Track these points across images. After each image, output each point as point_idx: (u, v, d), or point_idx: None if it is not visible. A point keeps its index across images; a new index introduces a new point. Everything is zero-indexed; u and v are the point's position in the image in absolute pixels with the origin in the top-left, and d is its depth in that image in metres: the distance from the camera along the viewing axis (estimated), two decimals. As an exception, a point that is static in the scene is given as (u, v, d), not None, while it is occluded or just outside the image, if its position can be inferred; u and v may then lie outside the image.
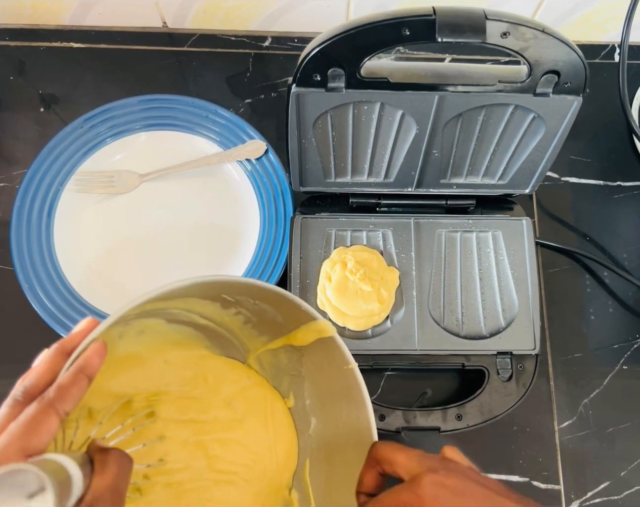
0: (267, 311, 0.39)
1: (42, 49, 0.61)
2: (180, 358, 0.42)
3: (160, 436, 0.39)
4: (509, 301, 0.50)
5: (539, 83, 0.40)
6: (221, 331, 0.42)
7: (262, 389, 0.43)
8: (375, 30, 0.36)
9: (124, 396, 0.39)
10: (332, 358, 0.38)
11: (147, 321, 0.38)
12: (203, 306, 0.39)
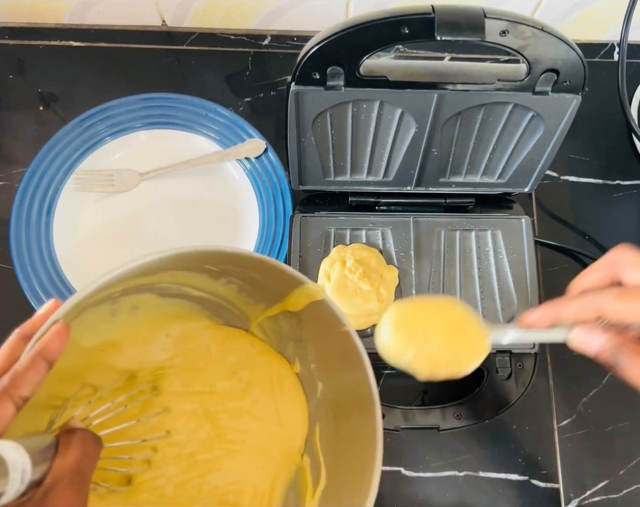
0: (256, 278, 0.38)
1: (42, 48, 0.61)
2: (182, 331, 0.41)
3: (166, 409, 0.39)
4: (508, 299, 0.50)
5: (538, 81, 0.40)
6: (218, 301, 0.41)
7: (267, 356, 0.43)
8: (374, 28, 0.36)
9: (128, 371, 0.39)
10: (328, 321, 0.37)
11: (137, 296, 0.37)
12: (191, 277, 0.38)
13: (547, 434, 0.51)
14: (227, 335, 0.43)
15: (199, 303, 0.41)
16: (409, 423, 0.47)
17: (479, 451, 0.50)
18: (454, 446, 0.50)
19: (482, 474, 0.50)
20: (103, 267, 0.52)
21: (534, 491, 0.50)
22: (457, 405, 0.47)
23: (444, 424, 0.47)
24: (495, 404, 0.47)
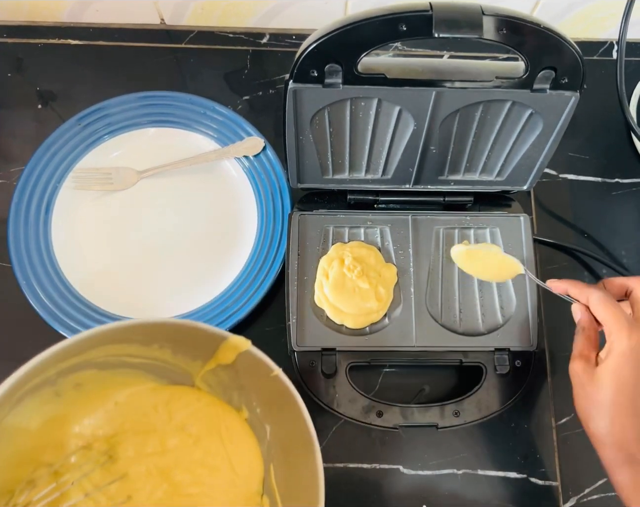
0: (184, 340, 0.40)
1: (40, 46, 0.61)
2: (130, 396, 0.44)
3: (123, 475, 0.41)
4: (507, 297, 0.50)
5: (536, 79, 0.40)
6: (158, 363, 0.43)
7: (214, 408, 0.45)
8: (372, 26, 0.36)
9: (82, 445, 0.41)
10: (258, 368, 0.40)
11: (77, 374, 0.40)
12: (123, 348, 0.40)
13: (546, 432, 0.51)
14: (173, 393, 0.45)
15: (140, 369, 0.43)
16: (408, 421, 0.47)
17: (478, 448, 0.50)
18: (453, 443, 0.50)
19: (480, 472, 0.50)
20: (101, 264, 0.53)
21: (533, 488, 0.50)
22: (456, 403, 0.47)
23: (442, 422, 0.47)
24: (494, 402, 0.47)
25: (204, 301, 0.51)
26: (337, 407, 0.47)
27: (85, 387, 0.41)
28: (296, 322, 0.48)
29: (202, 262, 0.53)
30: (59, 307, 0.50)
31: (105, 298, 0.52)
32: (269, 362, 0.39)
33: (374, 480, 0.49)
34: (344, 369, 0.48)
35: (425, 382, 0.52)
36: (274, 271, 0.52)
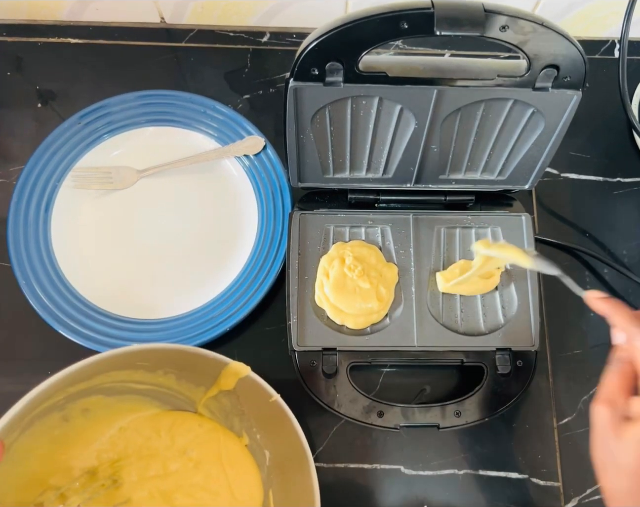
0: (187, 366, 0.42)
1: (40, 45, 0.61)
2: (134, 422, 0.45)
3: (127, 499, 0.43)
4: (508, 297, 0.50)
5: (538, 77, 0.40)
6: (162, 390, 0.44)
7: (215, 433, 0.46)
8: (373, 23, 0.36)
9: (87, 469, 0.43)
10: (259, 393, 0.41)
11: (84, 400, 0.41)
12: (128, 375, 0.42)
13: (547, 432, 0.51)
14: (176, 419, 0.46)
15: (145, 395, 0.44)
16: (409, 421, 0.46)
17: (479, 449, 0.50)
18: (454, 444, 0.50)
19: (481, 472, 0.50)
20: (100, 263, 0.52)
21: (534, 489, 0.49)
22: (457, 403, 0.47)
23: (443, 422, 0.47)
24: (495, 402, 0.47)
25: (204, 300, 0.51)
26: (338, 408, 0.46)
27: (93, 413, 0.42)
28: (297, 321, 0.48)
29: (202, 261, 0.53)
30: (59, 306, 0.50)
31: (104, 297, 0.51)
32: (268, 388, 0.41)
33: (375, 480, 0.49)
34: (344, 369, 0.47)
35: (427, 382, 0.51)
36: (274, 271, 0.51)
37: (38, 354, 0.51)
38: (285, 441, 0.41)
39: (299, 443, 0.40)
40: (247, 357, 0.51)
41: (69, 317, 0.50)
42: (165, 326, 0.50)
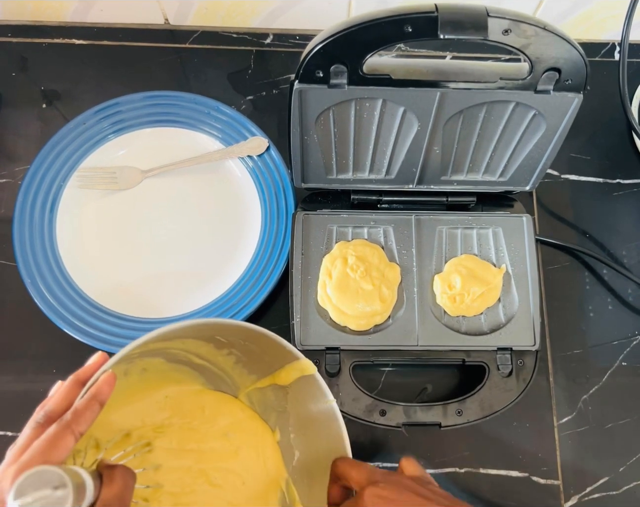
0: (255, 351, 0.41)
1: (44, 46, 0.61)
2: (179, 393, 0.45)
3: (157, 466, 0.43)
4: (509, 297, 0.50)
5: (540, 80, 0.40)
6: (215, 370, 0.44)
7: (255, 422, 0.46)
8: (377, 27, 0.36)
9: (130, 428, 0.43)
10: (314, 394, 0.40)
11: (149, 359, 0.41)
12: (198, 346, 0.42)
13: (548, 431, 0.51)
14: (219, 399, 0.46)
15: (197, 370, 0.44)
16: (411, 420, 0.47)
17: (480, 447, 0.51)
18: (455, 442, 0.51)
19: (482, 470, 0.50)
20: (105, 263, 0.53)
21: (534, 487, 0.50)
22: (459, 402, 0.47)
23: (445, 421, 0.47)
24: (497, 401, 0.48)
25: (207, 300, 0.52)
26: (341, 406, 0.47)
27: (148, 374, 0.42)
28: (300, 321, 0.48)
29: (206, 261, 0.54)
30: (64, 305, 0.50)
31: (108, 296, 0.52)
32: (327, 390, 0.40)
33: (377, 478, 0.50)
34: (347, 368, 0.48)
35: (428, 381, 0.52)
36: (277, 270, 0.52)
37: (43, 352, 0.51)
38: (325, 445, 0.41)
39: (343, 450, 0.39)
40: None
41: (73, 315, 0.50)
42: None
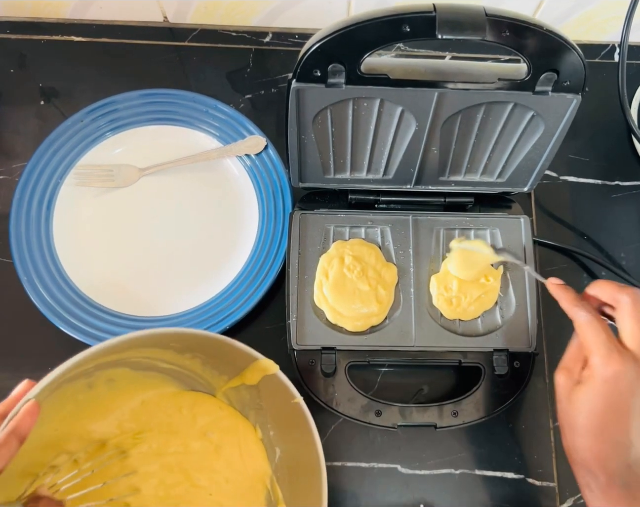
0: (216, 354, 0.42)
1: (43, 43, 0.61)
2: (156, 397, 0.45)
3: (134, 471, 0.43)
4: (506, 298, 0.50)
5: (538, 81, 0.40)
6: (186, 372, 0.45)
7: (235, 420, 0.46)
8: (375, 26, 0.36)
9: (108, 437, 0.43)
10: (281, 393, 0.41)
11: (111, 370, 0.41)
12: (158, 353, 0.42)
13: (544, 432, 0.51)
14: (197, 398, 0.46)
15: (168, 374, 0.44)
16: (406, 420, 0.47)
17: (476, 449, 0.50)
18: (451, 443, 0.50)
19: (478, 472, 0.50)
20: (102, 261, 0.53)
21: (530, 489, 0.50)
22: (455, 403, 0.47)
23: (441, 422, 0.47)
24: (492, 403, 0.48)
25: (204, 298, 0.52)
26: (336, 406, 0.47)
27: (116, 384, 0.43)
28: (296, 320, 0.48)
29: (202, 260, 0.54)
30: (60, 303, 0.50)
31: (105, 294, 0.52)
32: (292, 389, 0.40)
33: (372, 479, 0.49)
34: (343, 368, 0.48)
35: (424, 382, 0.52)
36: (274, 270, 0.52)
37: (39, 350, 0.51)
38: (300, 444, 0.42)
39: (314, 449, 0.40)
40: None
41: (69, 313, 0.50)
42: (166, 323, 0.51)
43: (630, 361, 0.36)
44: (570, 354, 0.40)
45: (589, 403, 0.36)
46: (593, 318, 0.38)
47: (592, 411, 0.36)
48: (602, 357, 0.36)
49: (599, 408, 0.36)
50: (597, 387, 0.36)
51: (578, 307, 0.39)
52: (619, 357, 0.36)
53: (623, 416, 0.36)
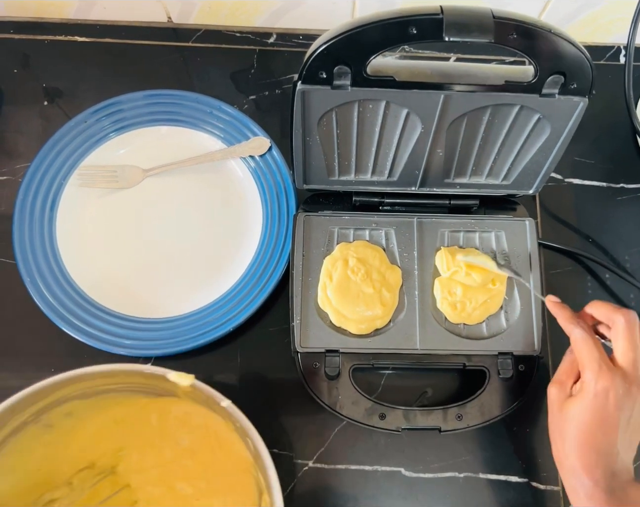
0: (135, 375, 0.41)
1: (47, 43, 0.61)
2: (125, 413, 0.45)
3: (126, 485, 0.44)
4: (511, 302, 0.50)
5: (545, 84, 0.40)
6: (139, 385, 0.44)
7: (203, 418, 0.46)
8: (382, 28, 0.36)
9: (93, 459, 0.44)
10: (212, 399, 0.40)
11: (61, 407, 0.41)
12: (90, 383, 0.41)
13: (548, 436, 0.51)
14: (164, 405, 0.46)
15: (128, 390, 0.44)
16: (410, 424, 0.47)
17: (480, 452, 0.50)
18: (455, 447, 0.50)
19: (482, 475, 0.50)
20: (105, 262, 0.53)
21: (534, 493, 0.50)
22: (459, 406, 0.47)
23: (445, 425, 0.47)
24: (497, 406, 0.47)
25: (208, 300, 0.51)
26: (340, 409, 0.47)
27: (78, 414, 0.43)
28: (300, 323, 0.48)
29: (206, 261, 0.53)
30: (62, 304, 0.50)
31: (108, 295, 0.52)
32: (216, 395, 0.39)
33: (376, 482, 0.49)
34: (347, 371, 0.48)
35: (428, 385, 0.52)
36: (278, 272, 0.52)
37: (41, 350, 0.51)
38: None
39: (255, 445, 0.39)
40: (250, 356, 0.52)
41: (72, 314, 0.50)
42: (170, 325, 0.50)
43: (619, 378, 0.39)
44: (563, 368, 0.43)
45: (580, 415, 0.39)
46: (587, 336, 0.40)
47: (582, 422, 0.39)
48: (593, 372, 0.39)
49: (588, 420, 0.39)
50: (587, 401, 0.39)
51: (574, 324, 0.42)
52: (609, 374, 0.39)
53: (611, 428, 0.38)
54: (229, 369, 0.51)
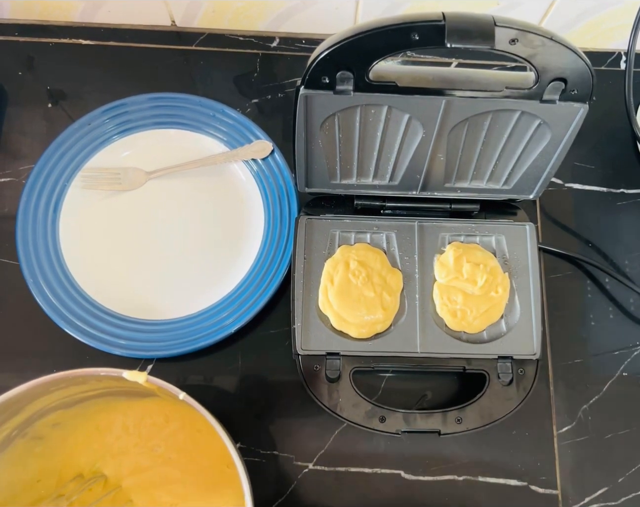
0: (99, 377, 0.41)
1: (51, 45, 0.61)
2: (108, 420, 0.46)
3: (117, 487, 0.44)
4: (511, 306, 0.50)
5: (545, 90, 0.40)
6: (113, 388, 0.43)
7: (180, 422, 0.46)
8: (384, 34, 0.36)
9: (83, 467, 0.44)
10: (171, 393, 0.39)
11: (45, 419, 0.41)
12: (65, 392, 0.41)
13: (547, 440, 0.51)
14: (144, 413, 0.46)
15: (106, 395, 0.44)
16: (410, 427, 0.47)
17: (479, 455, 0.50)
18: (454, 450, 0.50)
19: (481, 478, 0.50)
20: (107, 263, 0.53)
21: (533, 496, 0.50)
22: (459, 409, 0.47)
23: (444, 429, 0.47)
24: (496, 410, 0.48)
25: (209, 302, 0.52)
26: (340, 412, 0.47)
27: (65, 424, 0.43)
28: (301, 325, 0.48)
29: (208, 264, 0.54)
30: (66, 305, 0.50)
31: (111, 297, 0.52)
32: (172, 388, 0.38)
33: (375, 485, 0.50)
34: (347, 374, 0.48)
35: (428, 388, 0.52)
36: (279, 275, 0.52)
37: (44, 351, 0.52)
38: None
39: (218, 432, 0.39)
40: (252, 359, 0.52)
41: (75, 316, 0.50)
42: (171, 327, 0.51)
43: None
44: None
45: None
46: None
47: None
48: None
49: None
50: None
51: None
52: None
53: None
54: (230, 371, 0.52)
